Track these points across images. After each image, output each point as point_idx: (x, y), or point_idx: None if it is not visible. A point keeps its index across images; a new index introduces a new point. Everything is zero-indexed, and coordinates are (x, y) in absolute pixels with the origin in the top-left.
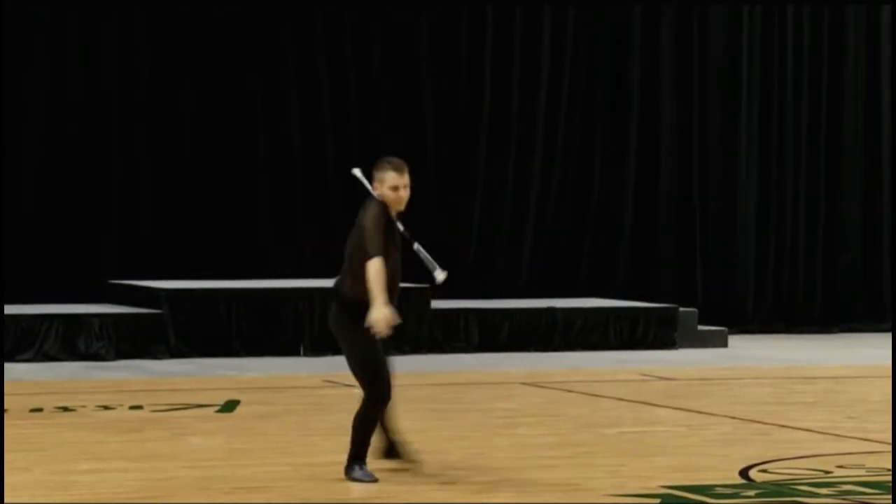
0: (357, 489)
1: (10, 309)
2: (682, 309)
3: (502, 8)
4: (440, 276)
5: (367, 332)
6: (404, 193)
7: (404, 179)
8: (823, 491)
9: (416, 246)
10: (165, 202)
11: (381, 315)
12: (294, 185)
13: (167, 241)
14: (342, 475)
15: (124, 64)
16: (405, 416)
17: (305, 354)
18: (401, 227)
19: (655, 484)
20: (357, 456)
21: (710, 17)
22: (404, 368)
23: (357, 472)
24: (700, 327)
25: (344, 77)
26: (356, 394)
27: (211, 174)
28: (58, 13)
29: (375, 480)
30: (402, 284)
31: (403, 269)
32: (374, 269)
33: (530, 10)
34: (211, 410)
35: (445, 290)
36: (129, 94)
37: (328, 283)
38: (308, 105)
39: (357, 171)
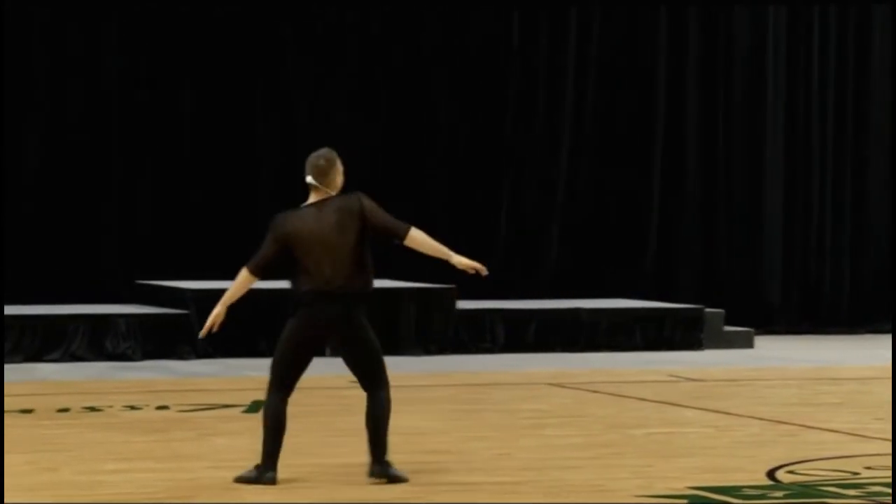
0: (383, 490)
1: (37, 309)
2: (707, 310)
3: (527, 7)
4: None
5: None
6: None
7: None
8: (851, 492)
9: None
10: (186, 202)
11: (464, 258)
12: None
13: (191, 241)
14: (369, 476)
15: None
16: (431, 416)
17: (331, 355)
18: None
19: (682, 485)
20: (386, 453)
21: (736, 18)
22: (430, 369)
23: (396, 470)
24: (726, 328)
25: (355, 75)
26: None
27: (232, 174)
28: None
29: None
30: (429, 285)
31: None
32: (422, 233)
33: (556, 10)
34: (237, 411)
35: (471, 291)
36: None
37: None
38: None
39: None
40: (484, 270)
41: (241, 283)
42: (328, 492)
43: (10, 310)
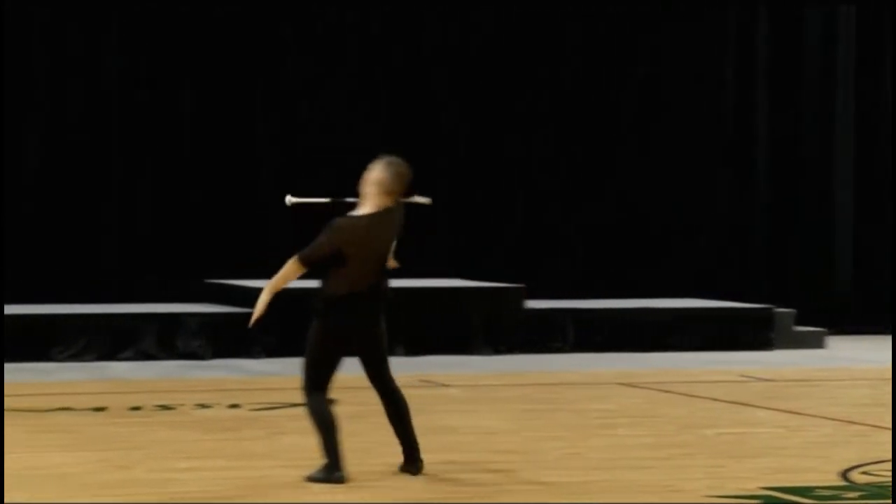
0: (452, 490)
1: (109, 308)
2: (778, 309)
3: (588, 6)
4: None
5: None
6: None
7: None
8: None
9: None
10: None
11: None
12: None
13: (262, 240)
14: (445, 474)
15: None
16: (501, 416)
17: (400, 354)
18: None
19: (755, 485)
20: None
21: (806, 19)
22: (500, 368)
23: None
24: (797, 328)
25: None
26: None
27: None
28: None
29: None
30: (498, 284)
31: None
32: None
33: (619, 11)
34: None
35: (543, 291)
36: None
37: (421, 283)
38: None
39: (423, 199)
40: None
41: (289, 272)
42: (398, 490)
43: (82, 308)
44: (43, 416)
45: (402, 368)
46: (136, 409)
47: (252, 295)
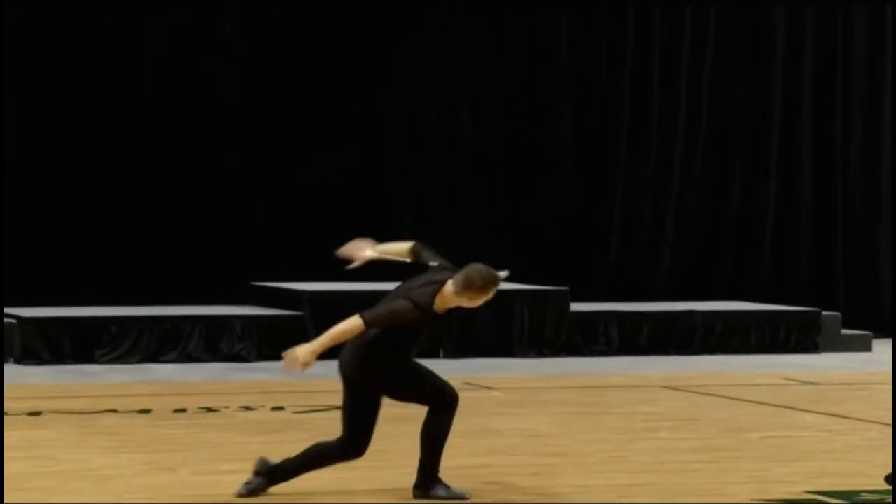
0: (497, 491)
1: (153, 310)
2: (825, 313)
3: (642, 9)
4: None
5: None
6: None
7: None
8: None
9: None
10: (301, 207)
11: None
12: (432, 187)
13: (308, 243)
14: (489, 477)
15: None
16: (546, 418)
17: (445, 357)
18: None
19: (799, 489)
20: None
21: (854, 16)
22: (544, 371)
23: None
24: (843, 331)
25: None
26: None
27: (348, 179)
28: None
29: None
30: (543, 287)
31: None
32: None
33: (670, 12)
34: None
35: (586, 293)
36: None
37: None
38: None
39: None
40: None
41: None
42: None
43: (127, 311)
44: (88, 419)
45: (447, 371)
46: (181, 411)
47: (296, 298)
